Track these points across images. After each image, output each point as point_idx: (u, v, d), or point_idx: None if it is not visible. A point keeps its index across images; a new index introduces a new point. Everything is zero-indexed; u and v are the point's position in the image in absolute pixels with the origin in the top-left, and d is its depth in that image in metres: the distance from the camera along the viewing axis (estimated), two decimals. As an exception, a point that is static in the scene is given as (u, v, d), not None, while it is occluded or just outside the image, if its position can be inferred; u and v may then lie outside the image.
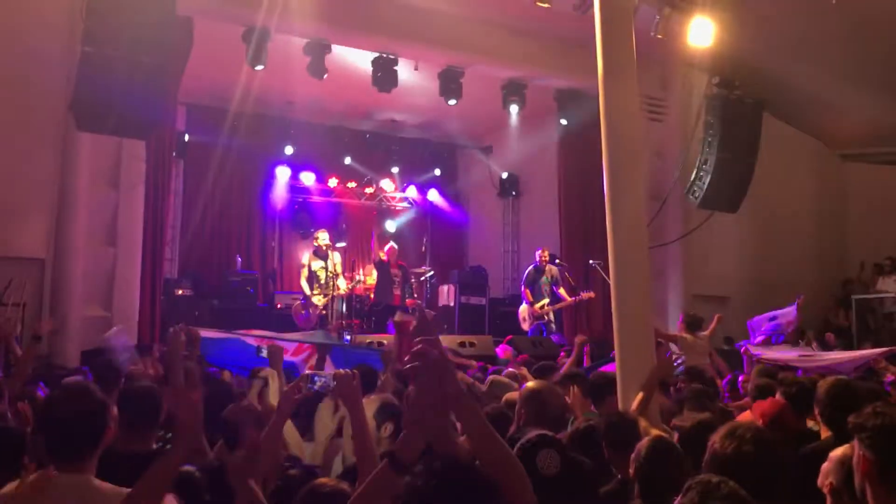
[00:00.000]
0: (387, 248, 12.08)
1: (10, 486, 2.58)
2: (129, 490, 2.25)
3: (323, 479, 2.66)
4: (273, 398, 4.13)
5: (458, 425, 2.10)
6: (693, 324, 8.41)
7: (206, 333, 6.29)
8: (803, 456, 3.39)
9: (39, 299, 8.73)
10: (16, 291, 8.20)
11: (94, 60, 6.59)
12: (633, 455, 2.94)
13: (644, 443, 2.95)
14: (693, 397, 4.55)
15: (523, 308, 11.44)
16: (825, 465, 2.51)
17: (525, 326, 11.35)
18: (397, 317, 9.77)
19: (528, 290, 11.36)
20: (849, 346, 9.96)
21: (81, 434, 2.59)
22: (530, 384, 3.94)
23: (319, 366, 6.43)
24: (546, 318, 11.27)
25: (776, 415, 3.80)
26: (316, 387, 3.23)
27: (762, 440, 2.39)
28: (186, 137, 12.74)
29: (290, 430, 3.68)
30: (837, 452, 2.48)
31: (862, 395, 3.87)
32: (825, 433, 3.71)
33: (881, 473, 2.09)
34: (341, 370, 2.94)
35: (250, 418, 3.53)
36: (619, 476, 3.33)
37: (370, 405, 3.29)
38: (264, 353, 5.62)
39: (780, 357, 8.04)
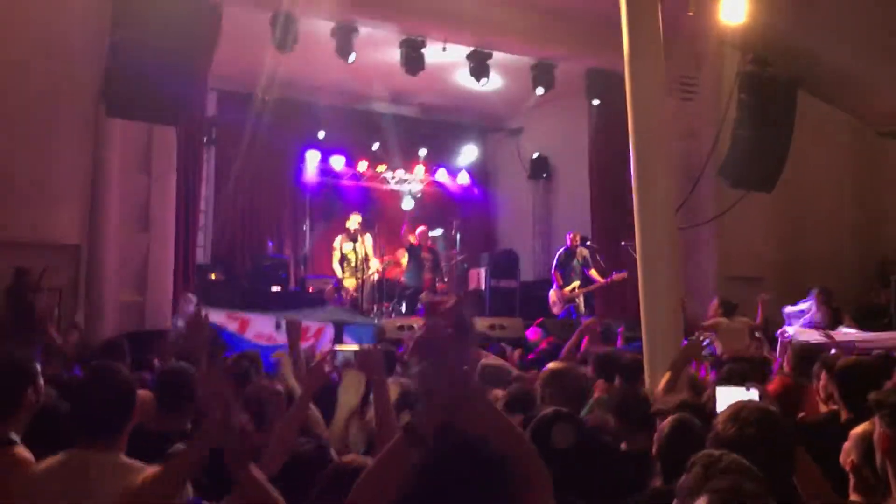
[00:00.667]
0: (418, 231, 12.07)
1: (43, 464, 2.65)
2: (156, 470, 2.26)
3: (349, 457, 2.65)
4: (287, 374, 4.12)
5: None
6: (728, 308, 8.34)
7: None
8: (823, 436, 3.35)
9: (75, 285, 8.88)
10: (51, 277, 8.32)
11: (124, 47, 6.65)
12: (655, 435, 2.93)
13: (665, 423, 2.93)
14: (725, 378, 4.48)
15: (553, 293, 11.39)
16: (846, 444, 2.49)
17: (556, 310, 11.30)
18: (424, 297, 9.82)
19: (558, 274, 11.31)
20: (888, 326, 9.79)
21: (110, 413, 2.67)
22: (551, 365, 3.98)
23: (338, 341, 6.45)
24: (576, 301, 11.21)
25: (781, 394, 3.76)
26: (338, 361, 3.21)
27: (766, 421, 2.34)
28: (217, 123, 12.80)
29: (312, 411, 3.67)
30: (858, 430, 2.46)
31: (877, 372, 3.83)
32: (846, 415, 3.65)
33: None
34: (366, 345, 2.97)
35: (274, 397, 3.54)
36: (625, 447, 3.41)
37: (391, 389, 3.28)
38: (282, 327, 5.64)
39: (812, 338, 7.96)
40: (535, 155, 15.07)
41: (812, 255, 12.01)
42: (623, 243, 10.38)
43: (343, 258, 11.26)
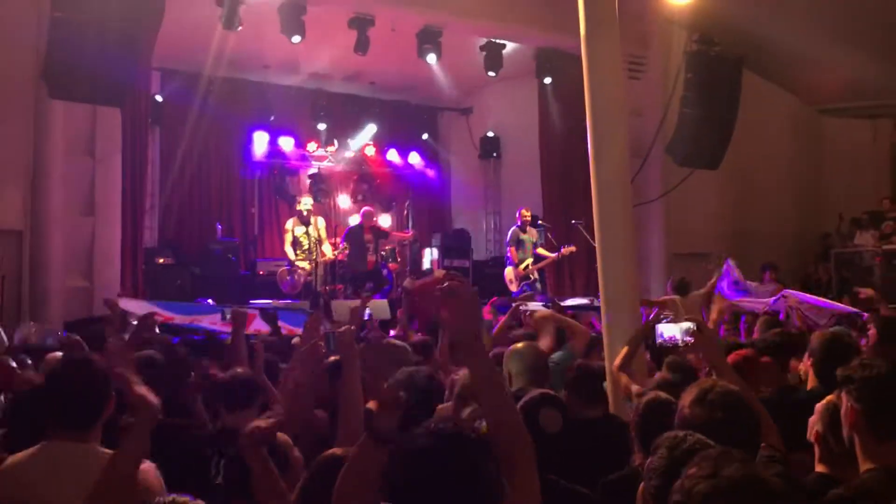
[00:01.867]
0: (362, 211, 11.97)
1: (18, 456, 2.64)
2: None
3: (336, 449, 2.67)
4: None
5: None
6: (681, 286, 8.53)
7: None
8: (791, 405, 3.44)
9: (19, 271, 8.66)
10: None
11: (65, 26, 6.47)
12: (632, 412, 3.01)
13: (642, 400, 3.00)
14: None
15: (509, 270, 11.46)
16: (812, 418, 2.56)
17: (512, 288, 11.37)
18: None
19: (513, 250, 11.37)
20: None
21: (85, 404, 2.67)
22: (516, 345, 4.03)
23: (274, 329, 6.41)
24: (532, 277, 11.32)
25: (740, 364, 3.85)
26: (332, 347, 3.17)
27: (733, 403, 2.35)
28: (162, 103, 12.54)
29: None
30: (822, 402, 2.54)
31: (856, 348, 3.93)
32: (811, 384, 3.76)
33: (868, 424, 2.14)
34: (344, 327, 2.99)
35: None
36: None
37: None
38: (227, 317, 5.61)
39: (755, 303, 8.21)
40: (486, 134, 15.10)
41: (756, 230, 12.31)
42: (573, 221, 10.51)
43: (295, 241, 11.15)
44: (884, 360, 2.26)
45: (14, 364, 4.54)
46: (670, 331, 3.38)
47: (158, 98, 12.34)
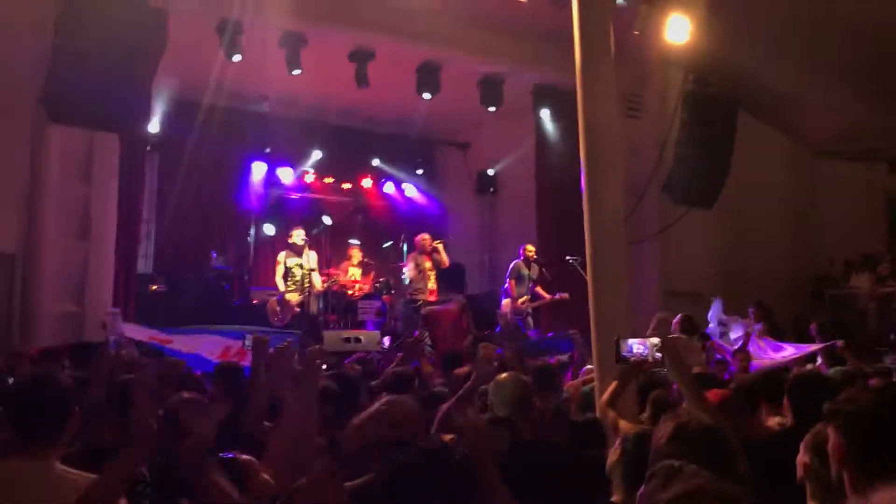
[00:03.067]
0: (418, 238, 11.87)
1: None
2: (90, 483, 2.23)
3: None
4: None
5: None
6: (689, 327, 8.45)
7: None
8: (770, 444, 3.42)
9: (10, 294, 8.62)
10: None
11: (67, 53, 6.54)
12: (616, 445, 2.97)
13: (629, 433, 2.96)
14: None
15: (506, 302, 11.39)
16: (799, 456, 2.53)
17: (502, 322, 11.33)
18: (424, 311, 9.95)
19: (513, 283, 11.32)
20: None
21: (46, 420, 2.59)
22: (502, 375, 4.04)
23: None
24: (525, 313, 11.29)
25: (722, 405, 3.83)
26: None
27: (710, 438, 2.33)
28: (161, 131, 12.57)
29: None
30: (808, 437, 2.51)
31: (832, 385, 3.92)
32: (791, 424, 3.73)
33: (857, 460, 2.10)
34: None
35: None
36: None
37: None
38: (247, 344, 5.53)
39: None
40: (483, 169, 15.15)
41: (750, 271, 12.31)
42: (568, 258, 10.51)
43: (287, 272, 11.13)
44: (871, 393, 2.24)
45: None
46: (638, 346, 3.39)
47: (157, 126, 12.37)
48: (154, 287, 11.01)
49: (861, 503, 2.06)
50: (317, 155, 14.14)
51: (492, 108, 11.95)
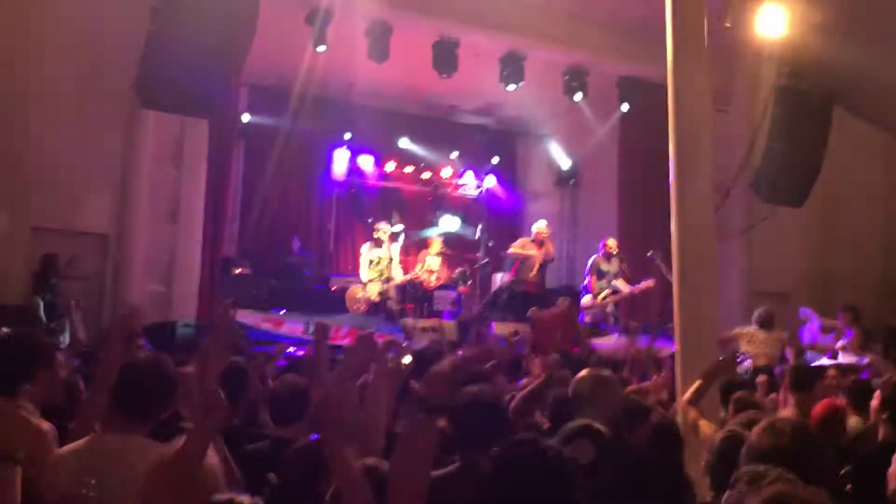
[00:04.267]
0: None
1: (68, 447, 2.73)
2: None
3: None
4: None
5: None
6: (766, 321, 8.21)
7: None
8: (862, 457, 3.29)
9: (102, 274, 8.96)
10: (77, 265, 8.43)
11: (160, 39, 6.72)
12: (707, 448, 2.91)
13: (717, 437, 2.90)
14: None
15: (587, 298, 11.20)
16: (891, 469, 2.44)
17: (586, 318, 11.13)
18: (532, 313, 9.89)
19: (594, 279, 11.13)
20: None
21: (150, 401, 2.77)
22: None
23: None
24: (606, 309, 11.11)
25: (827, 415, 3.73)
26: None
27: (801, 435, 2.32)
28: (248, 118, 12.88)
29: None
30: None
31: None
32: (882, 433, 3.59)
33: None
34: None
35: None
36: None
37: None
38: (311, 330, 5.63)
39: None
40: (564, 163, 15.01)
41: (841, 272, 11.86)
42: (649, 254, 10.31)
43: (369, 264, 11.29)
44: None
45: None
46: None
47: (245, 113, 12.68)
48: (238, 270, 11.29)
49: None
50: (404, 142, 14.24)
51: (576, 98, 11.79)
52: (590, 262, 11.33)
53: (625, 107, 12.18)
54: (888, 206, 12.95)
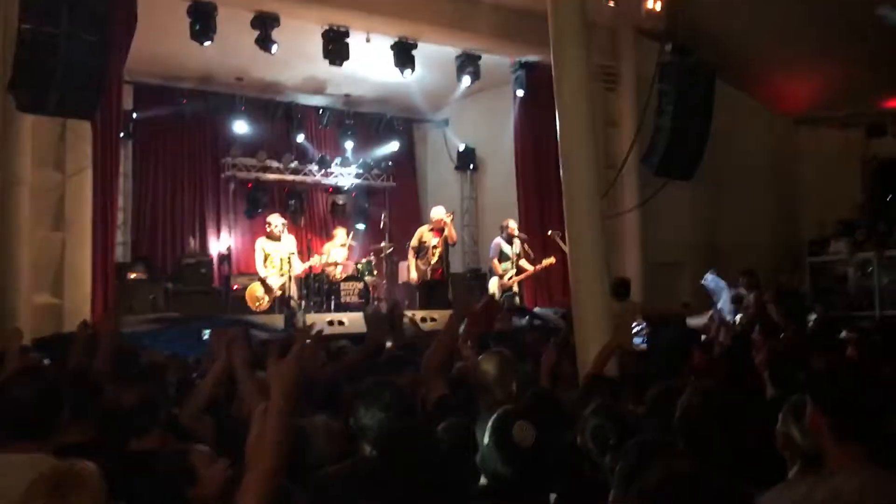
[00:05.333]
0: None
1: None
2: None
3: None
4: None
5: None
6: (620, 291, 8.35)
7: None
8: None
9: (-14, 288, 8.48)
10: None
11: (33, 38, 6.37)
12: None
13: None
14: None
15: (493, 281, 11.33)
16: (779, 427, 2.54)
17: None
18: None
19: (496, 262, 11.25)
20: (801, 310, 10.13)
21: (34, 414, 2.66)
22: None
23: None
24: (512, 289, 11.25)
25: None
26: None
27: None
28: (134, 117, 12.42)
29: None
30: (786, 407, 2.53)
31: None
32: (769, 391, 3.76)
33: (834, 430, 2.11)
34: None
35: None
36: None
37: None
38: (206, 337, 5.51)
39: None
40: (462, 146, 15.08)
41: (731, 240, 12.36)
42: (549, 232, 10.51)
43: (266, 259, 11.02)
44: (845, 363, 2.27)
45: None
46: None
47: (132, 112, 12.22)
48: (133, 275, 10.88)
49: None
50: (295, 136, 14.03)
51: (469, 84, 11.86)
52: (492, 246, 11.46)
53: (519, 90, 12.32)
54: (773, 174, 13.57)
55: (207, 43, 9.62)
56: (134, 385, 3.52)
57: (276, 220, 11.04)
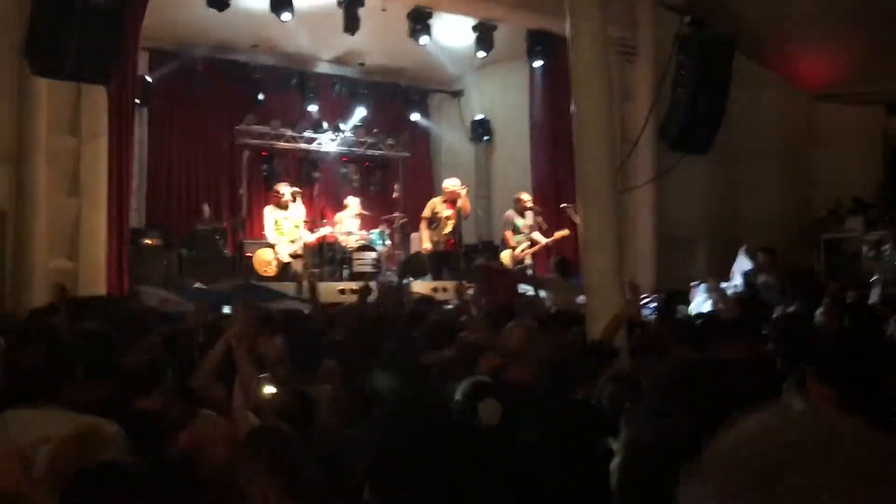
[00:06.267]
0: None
1: None
2: None
3: None
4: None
5: None
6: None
7: None
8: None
9: (3, 251, 8.56)
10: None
11: (48, 3, 6.36)
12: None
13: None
14: None
15: (505, 254, 11.32)
16: None
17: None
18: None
19: (509, 234, 11.23)
20: (815, 287, 10.08)
21: (45, 376, 2.70)
22: None
23: None
24: (524, 262, 11.25)
25: None
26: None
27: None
28: (150, 83, 12.42)
29: None
30: None
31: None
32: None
33: (837, 403, 2.11)
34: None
35: None
36: None
37: None
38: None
39: None
40: (477, 117, 15.00)
41: (745, 216, 12.28)
42: (563, 205, 10.47)
43: (276, 226, 11.07)
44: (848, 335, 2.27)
45: None
46: None
47: (147, 78, 12.21)
48: (148, 241, 10.95)
49: None
50: (309, 106, 14.00)
51: (483, 54, 11.78)
52: (504, 218, 11.44)
53: (537, 60, 12.23)
54: (791, 150, 13.44)
55: (223, 10, 9.58)
56: (141, 347, 3.56)
57: (285, 189, 11.07)
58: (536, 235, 11.17)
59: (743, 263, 10.31)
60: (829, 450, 0.69)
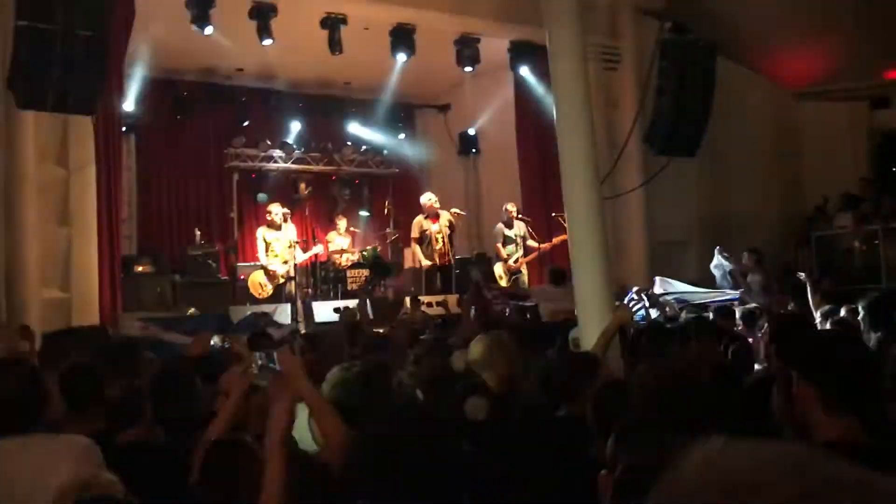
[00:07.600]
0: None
1: None
2: None
3: None
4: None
5: None
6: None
7: None
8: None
9: (-7, 285, 8.53)
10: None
11: (30, 35, 6.37)
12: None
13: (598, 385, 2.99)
14: None
15: (498, 266, 11.39)
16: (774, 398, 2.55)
17: (503, 283, 11.30)
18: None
19: (499, 246, 11.30)
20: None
21: (17, 408, 2.64)
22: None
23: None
24: (521, 271, 11.30)
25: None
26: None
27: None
28: (136, 110, 12.42)
29: None
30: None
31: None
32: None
33: (822, 403, 2.11)
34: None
35: None
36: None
37: None
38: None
39: None
40: (464, 130, 15.05)
41: (735, 217, 12.33)
42: (554, 214, 10.51)
43: (267, 248, 11.08)
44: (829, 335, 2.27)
45: None
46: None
47: (132, 105, 12.22)
48: (140, 268, 10.93)
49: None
50: (296, 126, 14.03)
51: (468, 69, 11.84)
52: (494, 231, 11.53)
53: (521, 71, 12.29)
54: (776, 150, 13.49)
55: (208, 29, 9.62)
56: (121, 379, 3.47)
57: (276, 210, 11.10)
58: (532, 244, 11.23)
59: (721, 263, 10.39)
60: (785, 476, 0.71)
